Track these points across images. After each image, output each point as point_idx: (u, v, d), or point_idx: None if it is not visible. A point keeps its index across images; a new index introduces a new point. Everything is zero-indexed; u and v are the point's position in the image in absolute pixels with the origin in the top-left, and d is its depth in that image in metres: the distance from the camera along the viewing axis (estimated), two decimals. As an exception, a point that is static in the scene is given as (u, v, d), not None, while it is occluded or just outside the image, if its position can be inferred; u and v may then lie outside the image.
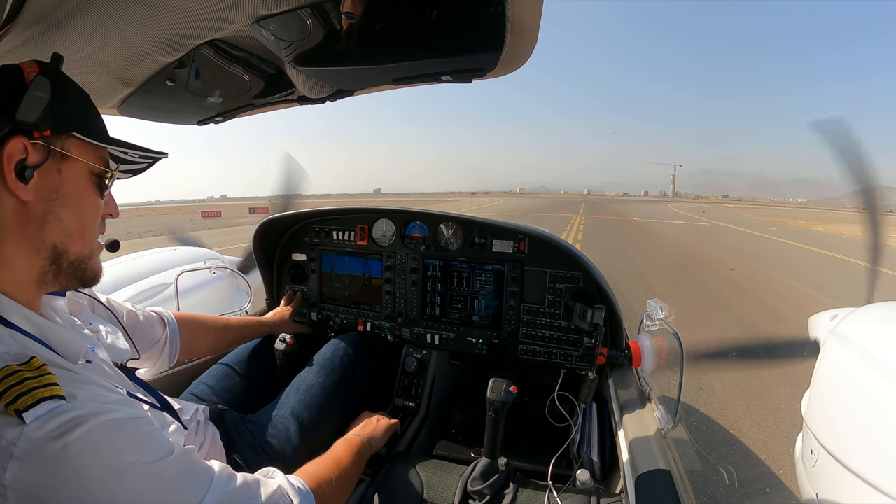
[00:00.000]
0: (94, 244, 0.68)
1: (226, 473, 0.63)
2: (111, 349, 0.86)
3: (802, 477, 1.50)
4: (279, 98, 1.10)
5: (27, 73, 0.57)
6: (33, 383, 0.49)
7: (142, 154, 0.72)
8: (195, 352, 1.30)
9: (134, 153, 0.71)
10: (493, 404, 1.03)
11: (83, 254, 0.65)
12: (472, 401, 1.63)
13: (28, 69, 0.57)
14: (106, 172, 0.66)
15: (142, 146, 0.70)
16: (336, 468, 0.92)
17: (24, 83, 0.56)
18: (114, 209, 0.73)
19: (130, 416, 0.56)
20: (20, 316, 0.58)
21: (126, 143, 0.68)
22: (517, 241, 1.54)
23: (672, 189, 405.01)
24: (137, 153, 0.71)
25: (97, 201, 0.67)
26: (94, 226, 0.68)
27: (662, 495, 0.82)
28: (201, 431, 1.04)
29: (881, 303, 1.77)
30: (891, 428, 1.11)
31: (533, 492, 1.07)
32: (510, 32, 0.71)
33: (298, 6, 0.67)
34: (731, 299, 6.42)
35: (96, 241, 0.69)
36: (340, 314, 1.80)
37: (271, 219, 1.79)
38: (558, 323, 1.50)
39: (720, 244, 13.73)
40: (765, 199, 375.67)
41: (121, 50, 0.80)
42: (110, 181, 0.68)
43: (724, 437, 2.71)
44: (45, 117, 0.57)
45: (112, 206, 0.72)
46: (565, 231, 16.04)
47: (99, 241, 0.71)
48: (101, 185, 0.66)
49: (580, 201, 65.35)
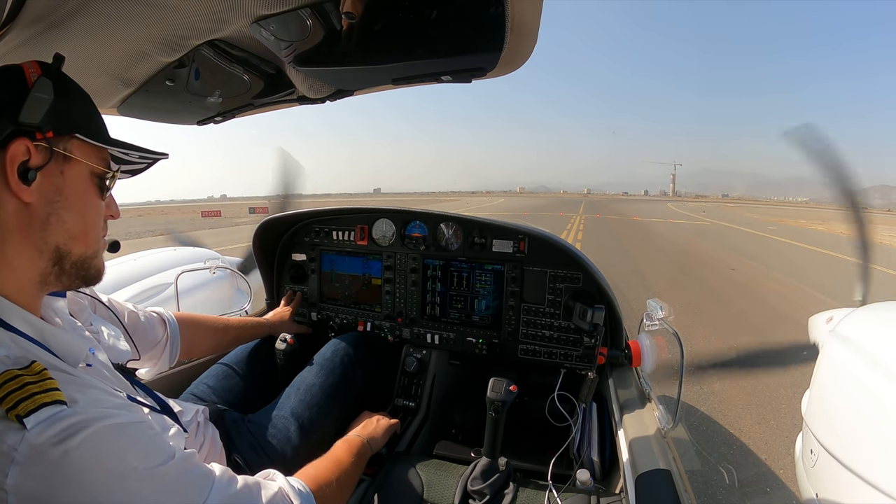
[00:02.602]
0: (98, 244, 0.68)
1: (226, 476, 0.63)
2: (112, 350, 0.86)
3: (802, 477, 1.50)
4: (279, 98, 1.10)
5: (29, 75, 0.57)
6: (34, 388, 0.49)
7: (142, 155, 0.72)
8: (195, 352, 1.30)
9: (134, 154, 0.71)
10: (494, 404, 1.03)
11: (86, 254, 0.65)
12: (472, 401, 1.63)
13: (30, 70, 0.57)
14: (107, 173, 0.66)
15: (142, 147, 0.70)
16: (336, 469, 0.92)
17: (26, 84, 0.56)
18: (115, 210, 0.73)
19: (131, 421, 0.56)
20: (20, 319, 0.58)
21: (127, 144, 0.68)
22: (517, 240, 1.54)
23: (672, 188, 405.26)
24: (138, 154, 0.71)
25: (98, 203, 0.67)
26: (98, 227, 0.68)
27: (662, 495, 0.82)
28: (201, 432, 1.04)
29: (881, 303, 1.77)
30: (891, 428, 1.11)
31: (533, 491, 1.07)
32: (510, 32, 0.71)
33: (298, 6, 0.67)
34: (732, 299, 6.42)
35: (100, 242, 0.69)
36: (340, 314, 1.80)
37: (271, 219, 1.79)
38: (558, 323, 1.50)
39: (720, 243, 13.73)
40: (765, 198, 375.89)
41: (121, 50, 0.80)
42: (111, 182, 0.68)
43: (724, 437, 2.71)
44: (48, 119, 0.57)
45: (113, 208, 0.72)
46: (565, 231, 16.03)
47: (103, 240, 0.71)
48: (102, 186, 0.66)
49: (580, 201, 65.32)
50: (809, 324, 1.89)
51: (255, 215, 31.81)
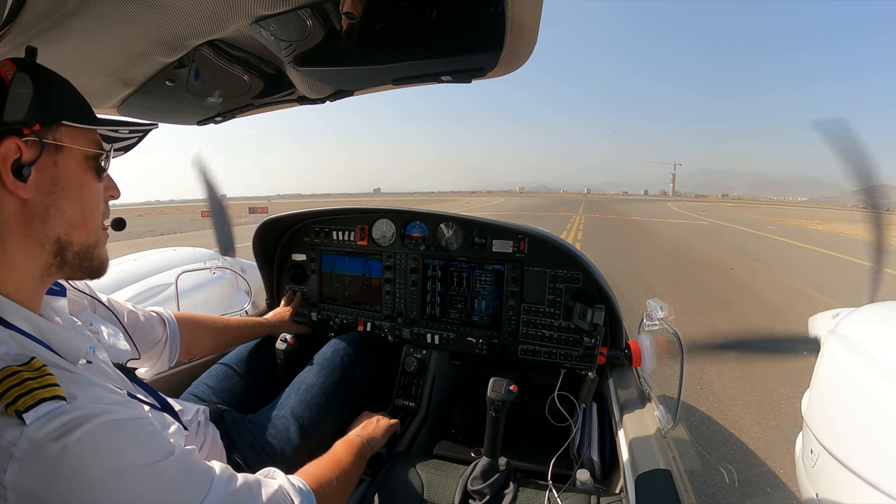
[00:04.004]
0: (99, 232, 0.68)
1: (226, 474, 0.63)
2: (112, 349, 0.86)
3: (802, 476, 1.50)
4: (279, 98, 1.10)
5: (4, 73, 0.56)
6: (33, 384, 0.49)
7: (132, 129, 0.71)
8: (195, 352, 1.30)
9: (124, 130, 0.70)
10: (494, 403, 1.03)
11: (88, 242, 0.65)
12: (472, 401, 1.63)
13: (4, 69, 0.56)
14: (100, 154, 0.66)
15: (130, 121, 0.70)
16: (336, 468, 0.92)
17: (3, 83, 0.55)
18: (115, 190, 0.72)
19: (131, 417, 0.56)
20: (20, 317, 0.58)
21: (114, 121, 0.68)
22: (517, 240, 1.54)
23: (672, 188, 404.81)
24: (127, 129, 0.70)
25: (96, 186, 0.67)
26: (97, 212, 0.68)
27: (662, 495, 0.82)
28: (201, 432, 1.04)
29: (881, 302, 1.77)
30: (891, 428, 1.11)
31: (533, 491, 1.07)
32: (510, 32, 0.71)
33: (298, 6, 0.67)
34: (732, 299, 6.41)
35: (101, 229, 0.69)
36: (340, 314, 1.80)
37: (271, 219, 1.79)
38: (558, 323, 1.50)
39: (720, 243, 13.73)
40: (765, 198, 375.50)
41: (121, 50, 0.80)
42: (106, 162, 0.68)
43: (724, 437, 2.71)
44: (32, 112, 0.57)
45: (112, 188, 0.72)
46: (565, 230, 16.03)
47: (105, 224, 0.70)
48: (98, 168, 0.66)
49: (580, 200, 65.27)
50: (809, 323, 1.89)
51: (255, 215, 31.77)
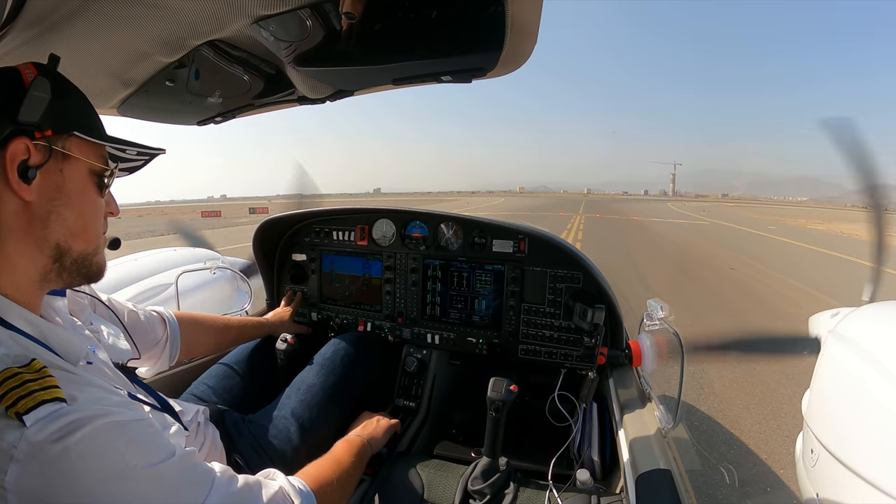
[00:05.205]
0: (98, 241, 0.69)
1: (227, 475, 0.63)
2: (112, 349, 0.86)
3: (803, 476, 1.50)
4: (279, 98, 1.10)
5: (25, 75, 0.57)
6: (34, 386, 0.49)
7: (140, 151, 0.72)
8: (195, 352, 1.30)
9: (132, 151, 0.71)
10: (494, 403, 1.03)
11: (87, 251, 0.66)
12: (473, 401, 1.63)
13: (26, 71, 0.58)
14: (105, 170, 0.67)
15: (139, 143, 0.71)
16: (337, 469, 0.92)
17: (23, 84, 0.56)
18: (114, 207, 0.73)
19: (132, 419, 0.56)
20: (20, 318, 0.58)
21: (124, 141, 0.68)
22: (517, 240, 1.54)
23: (672, 188, 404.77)
24: (135, 151, 0.71)
25: (98, 200, 0.67)
26: (98, 224, 0.68)
27: (663, 495, 0.82)
28: (202, 432, 1.04)
29: (881, 302, 1.77)
30: (891, 428, 1.11)
31: (533, 491, 1.07)
32: (510, 32, 0.71)
33: (298, 6, 0.67)
34: (732, 298, 6.42)
35: (100, 238, 0.69)
36: (340, 314, 1.80)
37: (271, 219, 1.79)
38: (558, 323, 1.50)
39: (720, 243, 13.73)
40: (765, 197, 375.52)
41: (121, 50, 0.80)
42: (110, 179, 0.68)
43: (724, 437, 2.71)
44: (46, 117, 0.58)
45: (112, 205, 0.73)
46: (565, 230, 16.03)
47: (104, 237, 0.71)
48: (100, 183, 0.66)
49: (580, 200, 65.26)
50: (810, 323, 1.89)
51: (255, 215, 31.83)
